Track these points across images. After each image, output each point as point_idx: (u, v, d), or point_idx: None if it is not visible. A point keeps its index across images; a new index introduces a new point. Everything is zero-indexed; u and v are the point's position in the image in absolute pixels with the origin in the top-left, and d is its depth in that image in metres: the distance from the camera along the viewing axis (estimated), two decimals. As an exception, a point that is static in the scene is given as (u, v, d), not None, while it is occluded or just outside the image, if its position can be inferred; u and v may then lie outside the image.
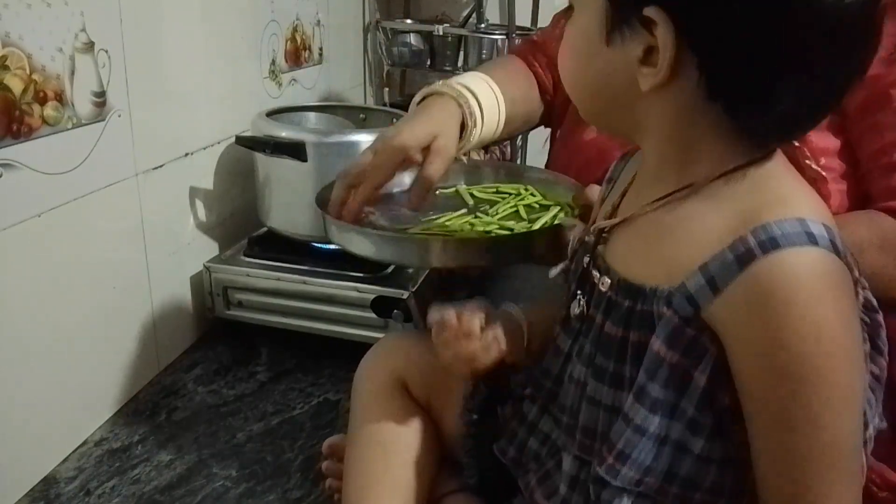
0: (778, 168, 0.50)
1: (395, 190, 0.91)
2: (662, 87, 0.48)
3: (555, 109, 1.05)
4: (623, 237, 0.56)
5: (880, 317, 0.51)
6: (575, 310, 0.59)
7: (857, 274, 0.49)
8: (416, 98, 0.89)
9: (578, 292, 0.59)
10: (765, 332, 0.45)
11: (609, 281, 0.55)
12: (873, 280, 0.67)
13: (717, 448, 0.50)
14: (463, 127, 0.84)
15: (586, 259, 0.59)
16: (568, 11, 0.55)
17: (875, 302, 0.51)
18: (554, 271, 0.64)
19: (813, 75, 0.45)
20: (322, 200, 0.85)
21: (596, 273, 0.57)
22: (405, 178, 0.87)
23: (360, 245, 0.78)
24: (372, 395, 0.75)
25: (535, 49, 1.04)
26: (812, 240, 0.45)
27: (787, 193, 0.49)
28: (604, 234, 0.58)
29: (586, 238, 0.60)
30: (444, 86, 0.86)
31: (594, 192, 0.75)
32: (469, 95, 0.85)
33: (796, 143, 0.69)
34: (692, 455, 0.50)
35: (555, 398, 0.62)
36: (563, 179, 0.91)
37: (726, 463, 0.51)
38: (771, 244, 0.45)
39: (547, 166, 1.07)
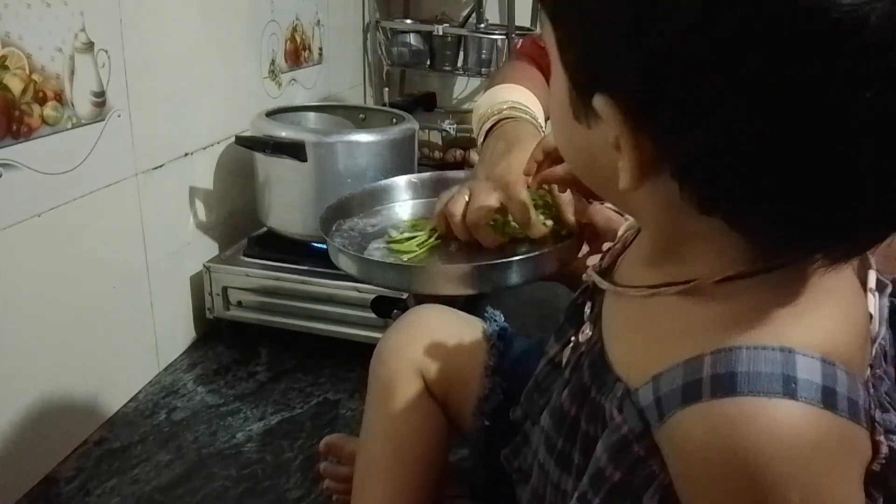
0: (807, 271, 0.37)
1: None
2: (642, 183, 0.36)
3: None
4: (611, 301, 0.47)
5: None
6: (565, 355, 0.52)
7: (877, 414, 0.36)
8: (486, 125, 0.85)
9: (572, 338, 0.51)
10: (714, 496, 0.35)
11: (589, 334, 0.47)
12: None
13: None
14: None
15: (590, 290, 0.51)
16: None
17: None
18: (591, 268, 0.53)
19: (841, 179, 0.31)
20: (325, 221, 0.84)
21: (587, 311, 0.49)
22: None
23: (367, 274, 0.74)
24: (388, 384, 0.72)
25: (543, 54, 1.04)
26: (789, 389, 0.33)
27: (795, 306, 0.36)
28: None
29: (586, 279, 0.51)
30: (512, 109, 0.84)
31: (600, 213, 0.69)
32: (536, 115, 0.85)
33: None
34: None
35: (529, 443, 0.57)
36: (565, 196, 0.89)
37: None
38: (727, 384, 0.33)
39: None
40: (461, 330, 0.75)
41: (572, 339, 0.50)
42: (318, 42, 1.67)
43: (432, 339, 0.73)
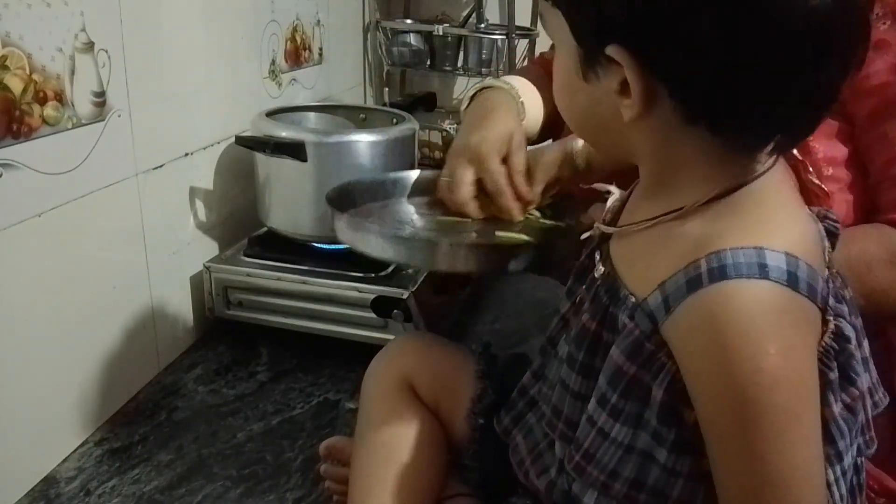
0: (766, 189, 0.49)
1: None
2: (643, 116, 0.48)
3: (559, 119, 1.06)
4: (618, 243, 0.57)
5: (853, 346, 0.49)
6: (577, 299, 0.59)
7: (831, 301, 0.48)
8: (469, 93, 0.91)
9: (583, 287, 0.59)
10: (705, 360, 0.45)
11: (602, 269, 0.56)
12: (883, 297, 0.66)
13: (686, 462, 0.49)
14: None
15: (594, 247, 0.59)
16: (553, 49, 0.55)
17: (849, 330, 0.49)
18: (584, 235, 0.64)
19: (791, 84, 0.44)
20: (331, 199, 0.85)
21: (597, 256, 0.58)
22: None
23: (371, 245, 0.77)
24: (379, 396, 0.75)
25: (548, 66, 1.04)
26: (763, 272, 0.44)
27: (758, 217, 0.48)
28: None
29: (592, 233, 0.61)
30: (496, 81, 0.90)
31: (599, 211, 0.74)
32: (519, 92, 0.88)
33: (799, 157, 0.68)
34: (659, 465, 0.50)
35: (546, 378, 0.62)
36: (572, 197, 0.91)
37: (697, 478, 0.50)
38: (719, 273, 0.45)
39: None
40: (447, 347, 0.80)
41: (583, 287, 0.59)
42: (318, 42, 1.67)
43: (421, 355, 0.77)
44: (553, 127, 1.10)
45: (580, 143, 0.79)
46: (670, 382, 0.48)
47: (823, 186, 0.69)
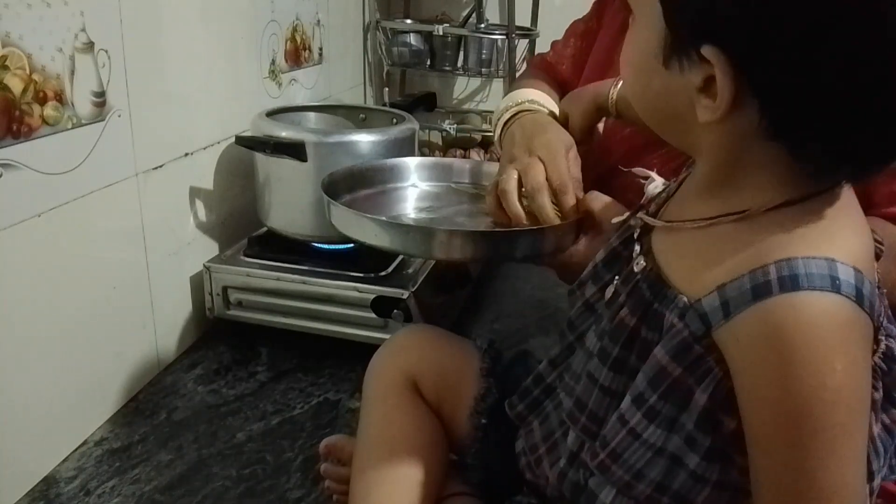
0: (835, 200, 0.48)
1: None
2: (721, 120, 0.46)
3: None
4: (662, 237, 0.56)
5: None
6: (609, 293, 0.58)
7: (883, 321, 0.48)
8: (504, 116, 0.89)
9: (616, 277, 0.58)
10: (766, 370, 0.44)
11: (644, 265, 0.54)
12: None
13: (715, 470, 0.49)
14: None
15: (636, 235, 0.58)
16: (628, 12, 0.53)
17: None
18: (617, 219, 0.63)
19: (883, 117, 0.43)
20: (327, 186, 0.86)
21: (637, 249, 0.56)
22: None
23: (364, 232, 0.76)
24: (381, 393, 0.75)
25: (549, 69, 1.04)
26: (835, 285, 0.43)
27: (828, 228, 0.46)
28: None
29: (632, 223, 0.59)
30: (531, 103, 0.88)
31: (597, 200, 0.74)
32: (553, 110, 0.88)
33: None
34: (687, 470, 0.50)
35: (570, 367, 0.62)
36: None
37: (723, 487, 0.50)
38: (791, 283, 0.43)
39: None
40: (451, 343, 0.79)
41: (616, 277, 0.58)
42: (318, 42, 1.67)
43: (424, 351, 0.77)
44: None
45: (615, 91, 0.79)
46: (715, 388, 0.47)
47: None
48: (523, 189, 0.77)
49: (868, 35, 0.40)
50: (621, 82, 0.79)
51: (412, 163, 0.99)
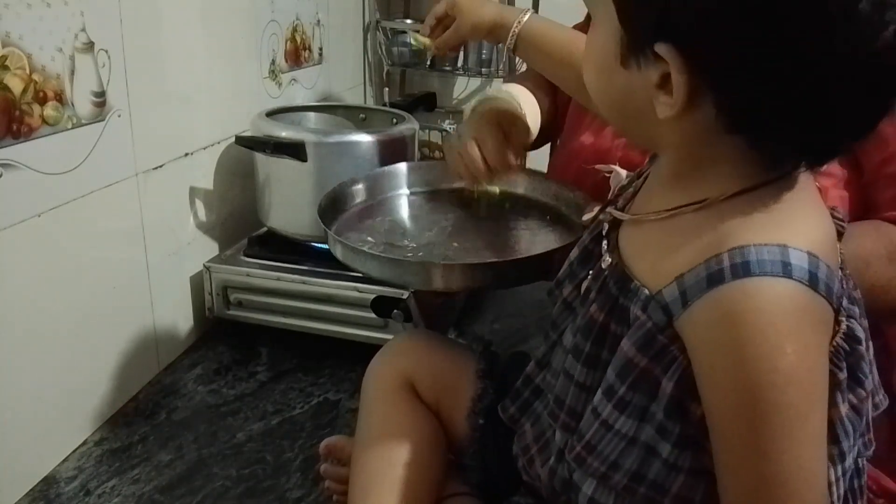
0: (791, 186, 0.49)
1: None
2: (680, 116, 0.47)
3: (557, 119, 1.07)
4: (629, 231, 0.57)
5: (862, 347, 0.50)
6: (583, 290, 0.59)
7: (844, 302, 0.48)
8: (472, 103, 0.96)
9: (590, 274, 0.59)
10: (720, 355, 0.45)
11: (610, 261, 0.55)
12: (882, 293, 0.66)
13: (688, 458, 0.50)
14: None
15: (604, 232, 0.59)
16: (588, 19, 0.55)
17: (860, 332, 0.49)
18: (588, 216, 0.65)
19: (836, 113, 0.44)
20: (323, 212, 0.88)
21: (605, 246, 0.57)
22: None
23: (363, 266, 0.80)
24: (379, 395, 0.75)
25: None
26: (787, 270, 0.44)
27: (783, 214, 0.47)
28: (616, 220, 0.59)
29: (601, 217, 0.61)
30: (499, 91, 0.95)
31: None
32: (520, 102, 0.94)
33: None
34: (661, 459, 0.50)
35: (551, 366, 0.63)
36: (577, 194, 0.93)
37: (697, 474, 0.50)
38: (743, 269, 0.44)
39: (548, 171, 1.08)
40: (448, 346, 0.80)
41: (589, 273, 0.59)
42: (318, 42, 1.67)
43: (421, 354, 0.78)
44: (549, 132, 1.10)
45: (518, 27, 0.84)
46: (681, 376, 0.48)
47: (817, 182, 0.70)
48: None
49: (816, 32, 0.41)
50: (528, 14, 0.84)
51: (403, 168, 1.03)
